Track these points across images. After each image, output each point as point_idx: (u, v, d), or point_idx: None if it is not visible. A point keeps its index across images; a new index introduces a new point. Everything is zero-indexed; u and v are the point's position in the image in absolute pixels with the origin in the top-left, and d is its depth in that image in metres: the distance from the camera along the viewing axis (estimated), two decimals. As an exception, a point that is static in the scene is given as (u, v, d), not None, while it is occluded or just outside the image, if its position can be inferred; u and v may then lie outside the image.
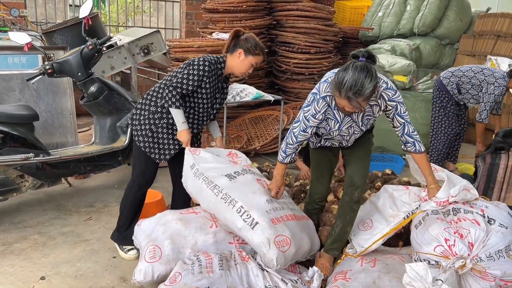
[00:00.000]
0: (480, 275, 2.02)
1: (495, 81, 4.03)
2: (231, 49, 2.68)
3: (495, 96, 4.01)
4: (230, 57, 2.68)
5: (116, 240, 2.85)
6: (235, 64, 2.67)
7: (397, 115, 2.31)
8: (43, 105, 3.86)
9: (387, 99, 2.27)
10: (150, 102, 2.68)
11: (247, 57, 2.64)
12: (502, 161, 3.22)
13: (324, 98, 2.27)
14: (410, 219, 2.43)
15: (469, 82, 4.17)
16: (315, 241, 2.62)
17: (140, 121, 2.68)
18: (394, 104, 2.28)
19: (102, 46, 3.35)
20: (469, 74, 4.18)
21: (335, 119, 2.35)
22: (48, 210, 3.43)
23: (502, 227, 2.10)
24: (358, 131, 2.44)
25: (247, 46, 2.62)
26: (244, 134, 5.07)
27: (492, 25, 6.11)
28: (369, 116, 2.38)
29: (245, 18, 5.50)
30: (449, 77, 4.29)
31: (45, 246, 2.92)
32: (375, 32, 6.67)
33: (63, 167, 3.35)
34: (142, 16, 8.13)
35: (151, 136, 2.66)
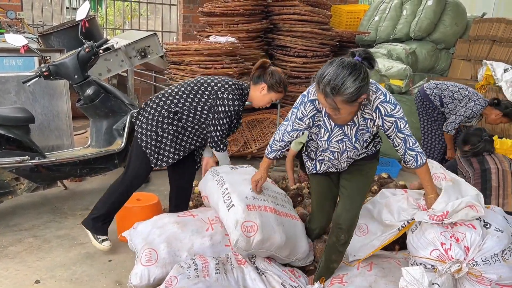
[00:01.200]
0: (476, 279, 2.02)
1: (477, 99, 4.13)
2: (255, 80, 2.67)
3: (471, 112, 4.08)
4: (253, 88, 2.69)
5: (90, 228, 2.77)
6: (256, 97, 2.71)
7: (398, 132, 2.08)
8: (39, 107, 3.84)
9: (384, 113, 2.04)
10: (164, 104, 2.62)
11: (269, 93, 2.66)
12: (491, 165, 3.15)
13: (313, 101, 2.11)
14: (404, 231, 2.36)
15: (451, 96, 4.25)
16: (298, 243, 2.54)
17: (148, 120, 2.63)
18: (393, 120, 2.05)
19: (99, 49, 3.35)
20: (453, 88, 4.26)
21: (325, 127, 2.16)
22: (43, 213, 3.41)
23: (498, 231, 2.11)
24: (351, 148, 2.20)
25: (272, 82, 2.63)
26: (241, 137, 5.07)
27: (488, 30, 6.14)
28: (363, 131, 2.15)
29: (242, 22, 5.51)
30: (433, 88, 4.37)
31: (40, 249, 2.90)
32: (371, 36, 6.70)
33: (59, 170, 3.33)
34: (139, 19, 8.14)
35: (154, 139, 2.62)
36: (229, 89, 2.60)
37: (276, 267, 2.46)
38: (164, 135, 2.61)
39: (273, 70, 2.65)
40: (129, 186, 2.77)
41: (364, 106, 2.06)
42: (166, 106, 2.61)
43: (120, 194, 2.77)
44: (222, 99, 2.59)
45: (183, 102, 2.61)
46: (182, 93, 2.63)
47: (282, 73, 2.68)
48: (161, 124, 2.60)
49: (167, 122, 2.60)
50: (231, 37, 5.21)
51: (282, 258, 2.51)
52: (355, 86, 1.83)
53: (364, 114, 2.09)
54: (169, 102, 2.62)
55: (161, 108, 2.62)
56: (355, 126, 2.13)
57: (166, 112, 2.60)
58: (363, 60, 1.90)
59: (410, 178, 4.56)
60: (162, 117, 2.60)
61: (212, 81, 2.67)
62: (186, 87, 2.65)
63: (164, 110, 2.61)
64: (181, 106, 2.61)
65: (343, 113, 1.96)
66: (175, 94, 2.63)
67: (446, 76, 6.59)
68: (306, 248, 2.58)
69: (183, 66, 4.88)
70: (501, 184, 3.08)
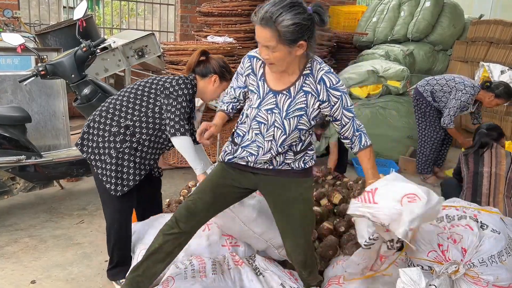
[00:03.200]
0: (473, 280, 2.02)
1: (463, 88, 4.16)
2: (201, 72, 2.46)
3: (461, 102, 4.12)
4: (202, 82, 2.47)
5: (112, 277, 2.50)
6: (209, 90, 2.48)
7: (345, 109, 1.87)
8: (36, 107, 3.83)
9: (329, 85, 1.83)
10: (111, 121, 2.32)
11: (222, 84, 2.49)
12: (486, 167, 3.10)
13: (251, 57, 1.95)
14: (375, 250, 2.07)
15: (441, 89, 4.31)
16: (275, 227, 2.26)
17: (98, 143, 2.31)
18: (338, 94, 1.84)
19: (96, 48, 3.33)
20: (441, 82, 4.33)
21: (257, 92, 1.93)
22: (39, 213, 3.40)
23: (495, 233, 2.11)
24: (279, 124, 1.89)
25: (222, 71, 2.46)
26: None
27: (485, 32, 6.16)
28: (300, 110, 1.88)
29: (240, 22, 5.50)
30: (424, 85, 4.43)
31: (36, 249, 2.89)
32: (369, 37, 6.70)
33: (56, 169, 3.32)
34: (137, 18, 8.12)
35: (109, 163, 2.29)
36: (174, 78, 2.40)
37: (276, 267, 2.45)
38: (119, 156, 2.29)
39: (217, 58, 2.47)
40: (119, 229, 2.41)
41: (305, 76, 1.86)
42: (114, 122, 2.32)
43: (118, 238, 2.43)
44: (170, 87, 2.34)
45: (132, 112, 2.33)
46: (127, 103, 2.35)
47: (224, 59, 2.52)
48: (114, 144, 2.29)
49: (120, 139, 2.29)
50: (228, 37, 5.21)
51: (257, 237, 2.43)
52: (294, 20, 1.66)
53: (304, 86, 1.86)
54: (116, 118, 2.33)
55: (109, 126, 2.31)
56: (289, 98, 1.87)
57: (116, 129, 2.30)
58: (314, 12, 1.74)
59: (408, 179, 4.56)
60: (113, 136, 2.30)
61: (153, 79, 2.45)
62: (129, 95, 2.38)
63: (113, 128, 2.31)
64: (130, 118, 2.32)
65: (277, 57, 1.75)
66: (120, 106, 2.35)
67: (443, 77, 6.59)
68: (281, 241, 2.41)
69: (180, 66, 4.87)
70: (492, 190, 3.04)
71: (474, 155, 3.21)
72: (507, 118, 5.40)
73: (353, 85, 5.17)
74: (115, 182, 2.29)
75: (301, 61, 1.87)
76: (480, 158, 3.17)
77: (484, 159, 3.15)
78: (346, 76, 5.27)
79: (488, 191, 3.04)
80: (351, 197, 3.55)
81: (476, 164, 3.16)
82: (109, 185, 2.30)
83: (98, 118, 2.36)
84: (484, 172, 3.09)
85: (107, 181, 2.30)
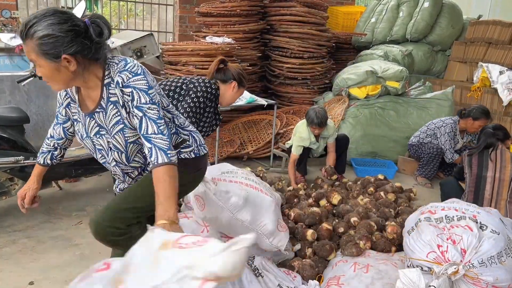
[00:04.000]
0: (472, 281, 2.02)
1: (442, 123, 4.42)
2: (222, 78, 2.64)
3: (448, 134, 4.33)
4: (223, 87, 2.66)
5: None
6: (229, 96, 2.67)
7: (135, 107, 1.58)
8: (34, 107, 3.81)
9: (121, 84, 1.59)
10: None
11: (239, 89, 2.67)
12: (489, 172, 3.06)
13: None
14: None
15: (426, 136, 4.53)
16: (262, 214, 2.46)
17: None
18: (129, 91, 1.58)
19: (95, 49, 3.32)
20: (423, 129, 4.60)
21: (80, 118, 1.76)
22: (37, 214, 3.38)
23: (494, 233, 2.10)
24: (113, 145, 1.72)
25: (239, 78, 2.64)
26: (237, 138, 5.06)
27: (484, 32, 6.17)
28: (117, 122, 1.67)
29: (239, 22, 5.51)
30: (412, 140, 4.67)
31: (34, 250, 2.87)
32: (368, 38, 6.71)
33: (54, 170, 3.27)
34: (135, 19, 8.11)
35: None
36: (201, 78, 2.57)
37: (274, 266, 2.44)
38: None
39: (235, 67, 2.67)
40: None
41: (107, 86, 1.65)
42: None
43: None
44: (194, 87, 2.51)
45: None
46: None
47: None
48: None
49: None
50: (227, 37, 5.21)
51: (246, 226, 2.42)
52: (46, 31, 1.46)
53: (111, 97, 1.64)
54: None
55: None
56: (105, 113, 1.67)
57: None
58: (92, 23, 1.55)
59: (406, 180, 4.57)
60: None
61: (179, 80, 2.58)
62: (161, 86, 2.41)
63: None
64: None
65: (45, 74, 1.56)
66: None
67: (442, 78, 6.62)
68: (272, 227, 2.46)
69: (179, 67, 4.87)
70: (494, 196, 3.01)
71: (478, 157, 3.16)
72: (506, 118, 5.40)
73: (352, 86, 5.17)
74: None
75: (97, 71, 1.65)
76: (485, 161, 3.12)
77: (488, 163, 3.10)
78: (345, 77, 5.27)
79: (490, 197, 3.02)
80: (350, 197, 3.56)
81: (480, 168, 3.11)
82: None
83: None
84: (488, 177, 3.06)
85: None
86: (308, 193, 3.68)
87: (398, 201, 3.59)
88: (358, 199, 3.51)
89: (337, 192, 3.40)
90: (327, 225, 2.88)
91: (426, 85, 5.76)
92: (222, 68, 2.66)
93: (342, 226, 2.91)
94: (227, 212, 2.40)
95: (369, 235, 2.76)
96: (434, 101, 5.20)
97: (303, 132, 4.04)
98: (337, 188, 3.80)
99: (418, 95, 5.48)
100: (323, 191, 3.50)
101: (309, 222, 2.99)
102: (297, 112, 5.60)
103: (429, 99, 5.27)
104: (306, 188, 3.95)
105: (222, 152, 4.73)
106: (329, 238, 2.83)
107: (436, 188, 4.36)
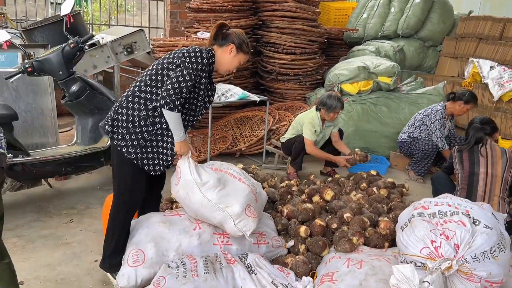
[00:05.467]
0: (466, 276, 2.02)
1: (431, 110, 4.42)
2: (220, 42, 2.44)
3: (439, 121, 4.33)
4: (220, 51, 2.45)
5: (108, 269, 2.45)
6: (225, 60, 2.45)
7: None
8: (23, 104, 3.76)
9: None
10: (139, 105, 2.32)
11: (238, 54, 2.45)
12: (481, 168, 3.05)
13: None
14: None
15: (415, 126, 4.51)
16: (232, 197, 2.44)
17: (128, 129, 2.31)
18: None
19: (84, 45, 3.28)
20: (411, 122, 4.58)
21: None
22: (27, 213, 3.34)
23: (487, 228, 2.10)
24: None
25: (239, 41, 2.43)
26: (230, 134, 5.03)
27: (474, 28, 6.19)
28: None
29: (230, 18, 5.47)
30: (400, 137, 4.64)
31: (24, 249, 2.83)
32: (359, 34, 6.70)
33: (43, 168, 3.27)
34: (126, 15, 8.03)
35: (144, 146, 2.32)
36: (191, 47, 2.35)
37: (267, 264, 2.43)
38: (153, 138, 2.34)
39: (238, 31, 2.47)
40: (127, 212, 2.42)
41: None
42: (142, 106, 2.32)
43: (124, 222, 2.43)
44: (183, 57, 2.29)
45: (155, 92, 2.31)
46: (150, 82, 2.32)
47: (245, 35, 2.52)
48: (145, 128, 2.31)
49: (151, 122, 2.32)
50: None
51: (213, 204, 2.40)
52: None
53: None
54: (143, 100, 2.32)
55: (137, 111, 2.32)
56: None
57: (145, 112, 2.31)
58: None
59: (398, 175, 4.58)
60: (144, 120, 2.31)
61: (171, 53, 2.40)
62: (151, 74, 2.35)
63: (141, 112, 2.31)
64: (155, 99, 2.30)
65: None
66: (145, 87, 2.33)
67: (433, 73, 6.64)
68: (239, 209, 2.40)
69: (170, 63, 4.82)
70: (487, 192, 3.01)
71: (469, 153, 3.15)
72: (496, 113, 5.43)
73: (344, 81, 5.17)
74: (153, 163, 2.37)
75: None
76: (476, 157, 3.10)
77: (480, 159, 3.09)
78: (337, 72, 5.26)
79: (484, 193, 3.01)
80: (343, 193, 3.55)
81: (471, 164, 3.10)
82: (148, 166, 2.36)
83: (125, 104, 2.34)
84: (480, 173, 3.05)
85: (144, 163, 2.34)
86: (301, 189, 3.67)
87: (390, 197, 3.59)
88: (351, 194, 3.50)
89: (330, 188, 3.39)
90: (320, 221, 2.87)
91: (417, 81, 5.77)
92: (223, 32, 2.45)
93: (335, 222, 2.90)
94: (196, 188, 2.40)
95: (362, 231, 2.76)
96: (425, 97, 5.21)
97: (315, 118, 4.05)
98: (330, 184, 3.79)
99: (410, 90, 5.49)
100: (316, 187, 3.49)
101: (302, 219, 2.99)
102: (289, 108, 5.58)
103: (420, 94, 5.28)
104: (299, 184, 3.94)
105: (215, 148, 4.70)
106: (322, 234, 2.82)
107: (428, 183, 4.37)
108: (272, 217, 2.97)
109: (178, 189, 2.50)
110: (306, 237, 2.79)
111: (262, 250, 2.63)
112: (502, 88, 5.35)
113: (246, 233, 2.40)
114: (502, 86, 5.35)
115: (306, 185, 3.87)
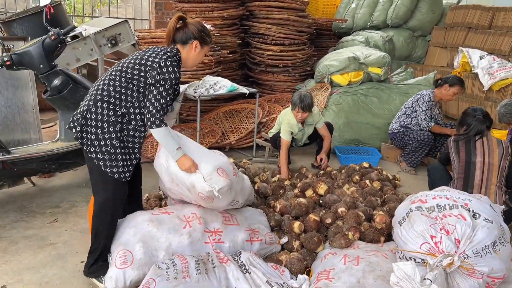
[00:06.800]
0: (467, 272, 1.96)
1: (420, 95, 4.41)
2: (181, 39, 2.37)
3: (427, 104, 4.32)
4: (184, 50, 2.40)
5: (93, 274, 2.37)
6: (191, 57, 2.42)
7: None
8: (3, 100, 3.62)
9: None
10: (108, 111, 2.25)
11: (203, 48, 2.43)
12: (478, 157, 3.02)
13: None
14: None
15: (406, 115, 4.47)
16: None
17: (97, 135, 2.25)
18: None
19: (66, 37, 3.15)
20: (401, 111, 4.55)
21: None
22: (9, 212, 3.21)
23: (488, 222, 2.05)
24: None
25: (201, 35, 2.38)
26: (219, 128, 4.93)
27: (463, 17, 6.16)
28: None
29: (217, 8, 5.34)
30: (391, 128, 4.59)
31: (6, 251, 2.71)
32: (348, 24, 6.63)
33: (26, 166, 3.14)
34: (109, 7, 7.83)
35: (113, 153, 2.26)
36: (164, 56, 2.28)
37: (261, 262, 2.35)
38: (122, 145, 2.29)
39: (195, 23, 2.40)
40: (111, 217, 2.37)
41: None
42: (111, 111, 2.25)
43: (110, 226, 2.37)
44: (160, 68, 2.23)
45: (125, 99, 2.26)
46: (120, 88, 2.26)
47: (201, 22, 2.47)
48: (114, 134, 2.25)
49: (119, 128, 2.27)
50: (206, 24, 5.04)
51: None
52: None
53: None
54: (112, 106, 2.25)
55: (106, 117, 2.25)
56: None
57: (114, 118, 2.25)
58: None
59: (390, 167, 4.53)
60: (112, 126, 2.25)
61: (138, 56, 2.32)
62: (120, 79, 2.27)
63: (110, 117, 2.25)
64: (124, 105, 2.27)
65: None
66: (114, 93, 2.26)
67: (422, 63, 6.60)
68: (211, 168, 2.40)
69: (156, 55, 4.69)
70: (484, 181, 2.97)
71: (465, 143, 3.10)
72: (486, 103, 5.41)
73: (334, 72, 5.09)
74: (123, 170, 2.31)
75: None
76: (472, 147, 3.07)
77: (476, 148, 3.06)
78: (326, 63, 5.18)
79: (480, 182, 2.97)
80: (336, 186, 3.48)
81: (468, 153, 3.06)
82: (118, 174, 2.29)
83: (94, 109, 2.26)
84: (477, 162, 3.01)
85: (113, 171, 2.28)
86: (293, 184, 3.59)
87: (384, 189, 3.54)
88: (344, 188, 3.44)
89: (324, 182, 3.32)
90: (314, 216, 2.80)
91: (407, 71, 5.72)
92: (181, 26, 2.38)
93: (329, 217, 2.83)
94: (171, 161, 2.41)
95: (358, 226, 2.69)
96: (416, 87, 5.16)
97: (291, 118, 3.95)
98: (323, 177, 3.72)
99: (400, 81, 5.43)
100: (309, 181, 3.42)
101: (296, 214, 2.91)
102: (279, 100, 5.49)
103: (411, 85, 5.23)
104: (291, 177, 3.86)
105: (204, 142, 4.60)
106: (316, 230, 2.75)
107: (420, 174, 4.33)
108: (264, 213, 2.89)
109: (160, 155, 2.54)
110: (300, 233, 2.72)
111: (256, 247, 2.55)
112: (492, 77, 5.32)
113: (215, 187, 2.35)
114: (492, 76, 5.32)
115: (298, 179, 3.79)
